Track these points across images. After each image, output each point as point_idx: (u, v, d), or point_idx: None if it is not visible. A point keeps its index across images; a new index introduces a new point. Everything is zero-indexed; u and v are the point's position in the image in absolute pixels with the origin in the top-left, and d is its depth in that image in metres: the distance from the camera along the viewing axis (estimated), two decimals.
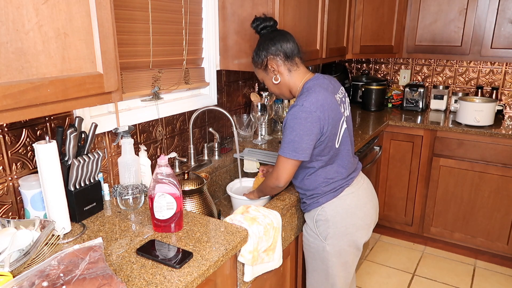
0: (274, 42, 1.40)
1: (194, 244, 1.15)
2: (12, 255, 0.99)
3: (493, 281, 2.56)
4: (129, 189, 1.36)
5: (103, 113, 1.50)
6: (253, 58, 1.47)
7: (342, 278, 1.54)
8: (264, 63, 1.43)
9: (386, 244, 3.00)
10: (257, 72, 1.50)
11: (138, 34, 1.55)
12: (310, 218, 1.50)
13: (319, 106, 1.30)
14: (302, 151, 1.31)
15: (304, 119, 1.29)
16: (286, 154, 1.33)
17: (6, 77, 0.82)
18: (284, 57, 1.40)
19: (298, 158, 1.33)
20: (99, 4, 0.97)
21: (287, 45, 1.40)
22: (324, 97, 1.33)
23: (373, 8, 2.73)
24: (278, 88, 1.47)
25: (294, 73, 1.42)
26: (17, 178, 1.22)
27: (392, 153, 2.88)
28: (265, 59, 1.42)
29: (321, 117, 1.30)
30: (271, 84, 1.47)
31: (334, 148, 1.40)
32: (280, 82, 1.43)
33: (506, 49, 2.60)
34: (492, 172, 2.55)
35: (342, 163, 1.45)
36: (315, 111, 1.29)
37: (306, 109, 1.29)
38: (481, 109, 2.58)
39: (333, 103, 1.37)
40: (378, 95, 3.10)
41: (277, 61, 1.40)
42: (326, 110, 1.32)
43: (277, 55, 1.40)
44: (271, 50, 1.40)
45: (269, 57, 1.41)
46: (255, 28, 1.48)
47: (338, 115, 1.38)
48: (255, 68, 1.49)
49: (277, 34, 1.42)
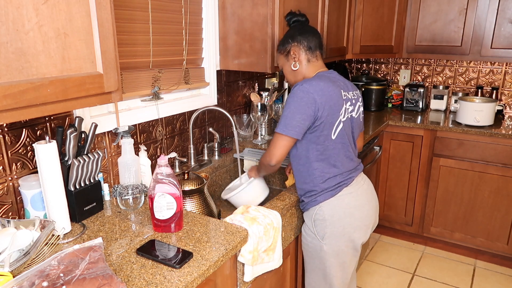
0: (302, 33, 1.51)
1: (194, 244, 1.15)
2: (12, 255, 0.99)
3: (493, 281, 2.56)
4: (129, 189, 1.36)
5: (103, 113, 1.50)
6: (279, 45, 1.58)
7: (340, 279, 1.54)
8: (288, 49, 1.52)
9: (386, 244, 3.00)
10: (278, 58, 1.60)
11: (138, 34, 1.55)
12: (308, 217, 1.50)
13: (318, 90, 1.37)
14: (292, 128, 1.36)
15: (299, 98, 1.36)
16: (277, 129, 1.40)
17: (6, 77, 0.82)
18: (307, 48, 1.50)
19: (287, 133, 1.37)
20: (99, 4, 0.97)
21: (313, 38, 1.50)
22: (326, 85, 1.39)
23: (373, 8, 2.73)
24: (294, 75, 1.55)
25: (311, 64, 1.52)
26: (17, 178, 1.22)
27: (392, 153, 2.88)
28: (289, 46, 1.51)
29: (317, 100, 1.35)
30: (289, 70, 1.55)
31: (329, 139, 1.42)
32: (297, 69, 1.53)
33: (506, 49, 2.60)
34: (492, 172, 2.55)
35: (338, 159, 1.46)
36: (312, 93, 1.35)
37: (305, 89, 1.36)
38: (481, 109, 2.58)
39: (335, 93, 1.41)
40: (378, 95, 3.11)
41: (300, 49, 1.50)
42: (325, 95, 1.37)
43: (301, 43, 1.50)
44: (297, 39, 1.50)
45: (293, 44, 1.51)
46: (288, 21, 1.61)
47: (337, 106, 1.42)
48: (277, 54, 1.59)
49: (307, 28, 1.54)
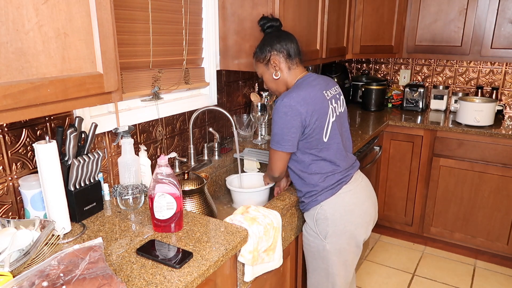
0: (279, 40, 1.48)
1: (194, 244, 1.15)
2: (12, 255, 0.99)
3: (493, 281, 2.56)
4: (129, 189, 1.36)
5: (103, 113, 1.50)
6: (256, 52, 1.54)
7: (343, 278, 1.54)
8: (267, 58, 1.49)
9: (386, 244, 3.00)
10: (257, 66, 1.56)
11: (138, 34, 1.55)
12: (310, 217, 1.50)
13: (299, 100, 1.37)
14: (285, 143, 1.40)
15: (284, 113, 1.37)
16: (273, 146, 1.44)
17: (6, 77, 0.82)
18: (287, 56, 1.48)
19: (282, 149, 1.41)
20: (99, 4, 0.97)
21: (291, 45, 1.48)
22: (307, 92, 1.40)
23: (373, 8, 2.73)
24: (276, 83, 1.53)
25: (292, 71, 1.50)
26: (17, 178, 1.22)
27: (392, 153, 2.88)
28: (269, 54, 1.49)
29: (302, 111, 1.37)
30: (270, 79, 1.53)
31: (322, 142, 1.43)
32: (279, 78, 1.51)
33: (506, 49, 2.60)
34: (492, 172, 2.55)
35: (335, 158, 1.47)
36: (294, 105, 1.36)
37: (286, 104, 1.36)
38: (481, 109, 2.58)
39: (318, 97, 1.42)
40: (378, 95, 3.10)
41: (280, 58, 1.48)
42: (308, 103, 1.38)
43: (280, 52, 1.47)
44: (276, 47, 1.47)
45: (273, 53, 1.48)
46: (262, 26, 1.57)
47: (324, 109, 1.43)
48: (256, 62, 1.55)
49: (283, 34, 1.51)
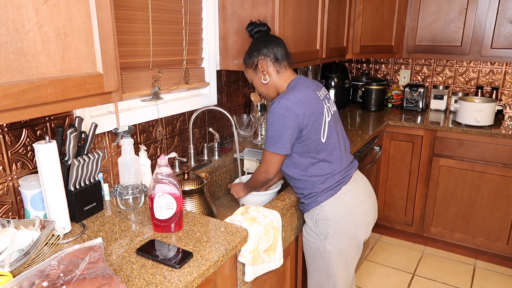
0: (266, 45, 1.48)
1: (194, 244, 1.15)
2: (12, 255, 0.99)
3: (493, 281, 2.56)
4: (129, 189, 1.36)
5: (103, 113, 1.50)
6: (245, 58, 1.55)
7: (344, 278, 1.54)
8: (255, 63, 1.50)
9: (386, 244, 3.00)
10: (246, 72, 1.57)
11: (138, 34, 1.55)
12: (310, 217, 1.50)
13: (296, 102, 1.37)
14: (282, 145, 1.39)
15: (281, 115, 1.36)
16: (268, 148, 1.42)
17: (6, 77, 0.82)
18: (274, 59, 1.48)
19: (278, 152, 1.41)
20: (99, 4, 0.97)
21: (278, 49, 1.48)
22: (303, 93, 1.40)
23: (373, 8, 2.73)
24: (266, 88, 1.53)
25: (281, 75, 1.50)
26: (17, 178, 1.22)
27: (392, 153, 2.88)
28: (256, 59, 1.49)
29: (299, 113, 1.37)
30: (260, 83, 1.53)
31: (320, 143, 1.43)
32: (268, 82, 1.51)
33: (506, 49, 2.60)
34: (492, 172, 2.55)
35: (333, 158, 1.47)
36: (291, 107, 1.36)
37: (283, 105, 1.36)
38: (481, 109, 2.58)
39: (314, 98, 1.43)
40: (378, 95, 3.10)
41: (267, 62, 1.48)
42: (305, 105, 1.38)
43: (267, 56, 1.47)
44: (263, 52, 1.48)
45: (260, 58, 1.48)
46: (250, 31, 1.58)
47: (319, 110, 1.43)
48: (245, 68, 1.57)
49: (270, 38, 1.51)
